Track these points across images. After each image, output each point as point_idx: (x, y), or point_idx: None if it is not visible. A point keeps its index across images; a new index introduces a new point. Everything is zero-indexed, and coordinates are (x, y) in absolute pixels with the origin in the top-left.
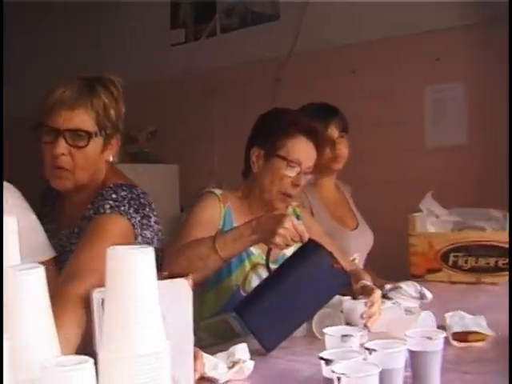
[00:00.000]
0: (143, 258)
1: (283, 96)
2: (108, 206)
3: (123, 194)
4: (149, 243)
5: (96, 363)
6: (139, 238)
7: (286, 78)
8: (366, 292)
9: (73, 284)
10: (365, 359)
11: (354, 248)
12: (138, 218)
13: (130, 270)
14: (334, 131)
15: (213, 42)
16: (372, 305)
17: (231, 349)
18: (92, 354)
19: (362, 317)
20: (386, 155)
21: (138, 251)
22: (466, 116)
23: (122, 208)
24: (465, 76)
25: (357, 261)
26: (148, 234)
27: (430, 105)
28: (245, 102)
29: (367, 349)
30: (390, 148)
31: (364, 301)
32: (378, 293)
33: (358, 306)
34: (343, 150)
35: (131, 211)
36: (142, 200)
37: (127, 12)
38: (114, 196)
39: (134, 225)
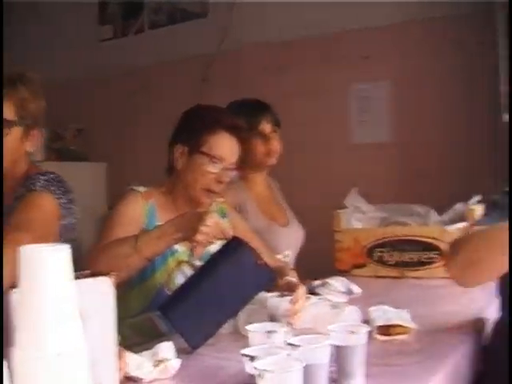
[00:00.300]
0: (55, 256)
1: (211, 94)
2: (39, 184)
3: (52, 176)
4: (73, 228)
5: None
6: (64, 220)
7: (214, 76)
8: (291, 288)
9: (15, 234)
10: (289, 355)
11: (286, 244)
12: (65, 201)
13: (41, 269)
14: (266, 126)
15: (141, 39)
16: (296, 301)
17: (156, 347)
18: None
19: (286, 314)
20: (314, 152)
21: (49, 249)
22: (392, 114)
23: (52, 188)
24: (391, 75)
25: (289, 258)
26: (71, 219)
27: (356, 102)
28: (173, 99)
29: (291, 344)
30: (318, 145)
31: (288, 297)
32: (302, 289)
33: (282, 303)
34: (276, 144)
35: (59, 192)
36: (67, 187)
37: (54, 10)
38: (42, 178)
39: (61, 205)
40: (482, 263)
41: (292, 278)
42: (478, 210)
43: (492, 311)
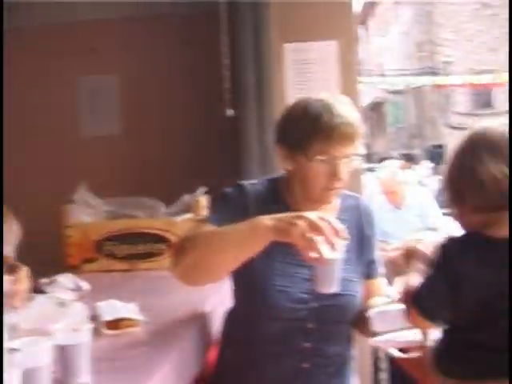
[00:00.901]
0: None
1: None
2: None
3: None
4: None
5: None
6: None
7: None
8: (12, 270)
9: None
10: (9, 362)
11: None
12: None
13: None
14: None
15: None
16: (17, 282)
17: None
18: None
19: (7, 294)
20: (40, 145)
21: None
22: (120, 107)
23: None
24: (119, 68)
25: (12, 254)
26: None
27: (85, 95)
28: None
29: (11, 349)
30: (45, 138)
31: (10, 278)
32: (24, 270)
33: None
34: None
35: None
36: None
37: None
38: None
39: None
40: (207, 265)
41: (14, 262)
42: (203, 201)
43: (216, 300)
